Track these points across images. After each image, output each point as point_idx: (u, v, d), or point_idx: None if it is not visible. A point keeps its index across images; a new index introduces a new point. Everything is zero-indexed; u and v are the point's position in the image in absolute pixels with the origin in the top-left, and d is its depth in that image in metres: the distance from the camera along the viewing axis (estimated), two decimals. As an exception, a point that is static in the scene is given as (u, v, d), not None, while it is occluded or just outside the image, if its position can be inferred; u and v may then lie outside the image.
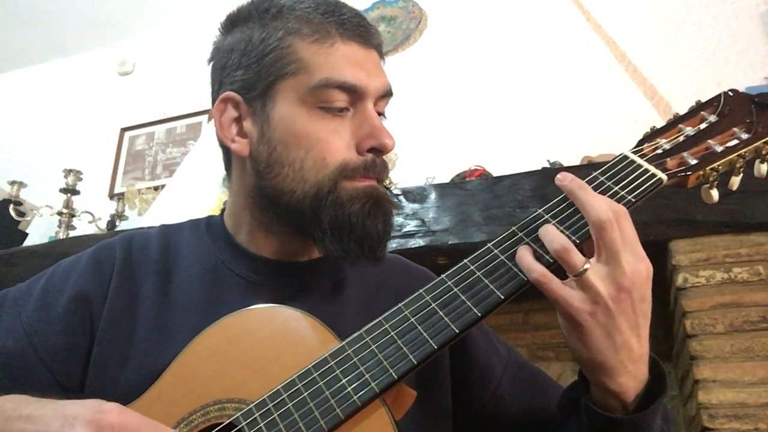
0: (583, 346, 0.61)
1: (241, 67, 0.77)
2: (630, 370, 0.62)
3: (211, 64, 0.84)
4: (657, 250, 1.63)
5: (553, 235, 0.62)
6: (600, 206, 0.61)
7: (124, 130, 3.09)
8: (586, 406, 0.66)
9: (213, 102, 0.81)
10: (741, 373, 1.44)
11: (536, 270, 0.62)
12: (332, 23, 0.75)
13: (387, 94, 0.79)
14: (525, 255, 0.63)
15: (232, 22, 0.81)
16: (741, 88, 0.74)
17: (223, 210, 0.88)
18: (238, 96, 0.77)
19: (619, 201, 0.65)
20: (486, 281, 0.65)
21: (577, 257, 0.60)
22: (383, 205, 0.75)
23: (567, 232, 0.64)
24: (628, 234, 0.61)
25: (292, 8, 0.77)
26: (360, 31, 0.77)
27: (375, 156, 0.75)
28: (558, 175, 0.66)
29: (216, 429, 0.64)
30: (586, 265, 0.60)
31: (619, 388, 0.62)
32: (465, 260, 0.67)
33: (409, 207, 1.83)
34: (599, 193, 0.66)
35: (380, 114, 0.79)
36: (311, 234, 0.75)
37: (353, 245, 0.73)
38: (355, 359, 0.64)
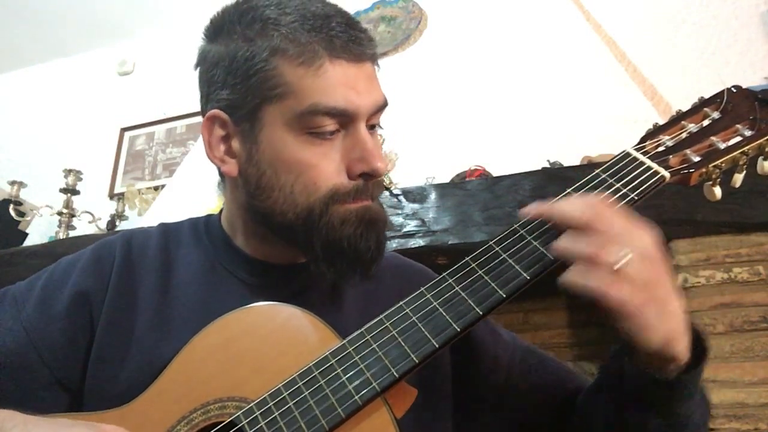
0: (647, 334, 0.58)
1: (227, 86, 0.74)
2: (683, 331, 0.61)
3: (198, 70, 0.80)
4: (657, 250, 1.63)
5: (582, 239, 0.58)
6: (575, 204, 0.60)
7: (124, 130, 3.09)
8: (636, 375, 0.63)
9: (202, 112, 0.79)
10: (741, 373, 1.44)
11: (603, 279, 0.57)
12: (320, 41, 0.71)
13: (380, 108, 0.76)
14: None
15: (216, 30, 0.77)
16: (742, 87, 0.74)
17: (221, 210, 0.87)
18: (224, 115, 0.75)
19: (621, 199, 0.65)
20: (487, 279, 0.64)
21: (617, 247, 0.57)
22: (376, 225, 0.74)
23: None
24: (618, 212, 0.60)
25: (277, 22, 0.72)
26: (350, 46, 0.72)
27: (367, 179, 0.73)
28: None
29: (217, 428, 0.64)
30: (629, 255, 0.57)
31: (680, 353, 0.61)
32: (467, 258, 0.67)
33: (409, 207, 1.83)
34: (601, 190, 0.66)
35: (374, 126, 0.77)
36: (304, 254, 0.76)
37: (345, 267, 0.73)
38: (356, 358, 0.64)
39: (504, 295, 0.63)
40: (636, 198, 0.65)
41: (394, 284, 0.84)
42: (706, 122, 0.71)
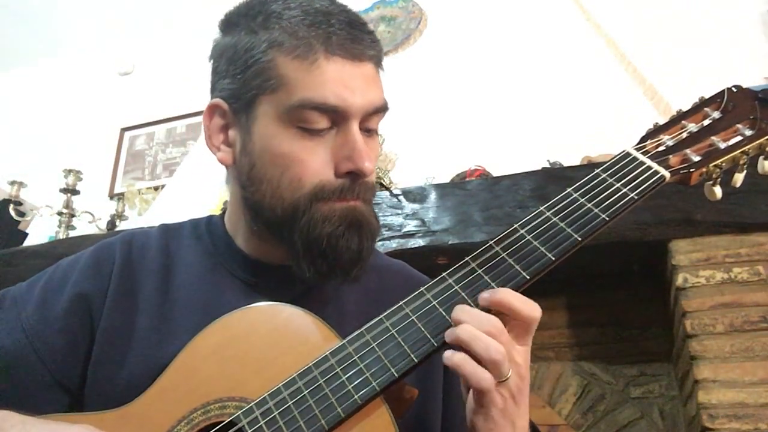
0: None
1: (228, 76, 0.75)
2: None
3: (211, 62, 0.82)
4: (657, 250, 1.63)
5: (488, 343, 0.60)
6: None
7: (124, 130, 3.09)
8: None
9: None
10: (741, 373, 1.44)
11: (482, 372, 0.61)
12: (318, 37, 0.71)
13: (377, 110, 0.75)
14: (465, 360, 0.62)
15: (226, 23, 0.79)
16: (742, 87, 0.74)
17: (224, 210, 0.87)
18: (225, 104, 0.76)
19: (621, 198, 0.65)
20: (487, 278, 0.64)
21: (507, 366, 0.61)
22: (360, 226, 0.73)
23: (569, 229, 0.64)
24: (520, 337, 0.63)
25: (279, 16, 0.73)
26: (348, 44, 0.72)
27: (354, 178, 0.72)
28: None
29: (217, 427, 0.64)
30: (511, 371, 0.61)
31: None
32: (466, 258, 0.67)
33: (409, 207, 1.83)
34: (600, 190, 0.66)
35: (370, 130, 0.75)
36: (287, 252, 0.75)
37: (325, 267, 0.72)
38: (355, 357, 0.64)
39: (504, 295, 0.63)
40: (636, 197, 0.65)
41: (397, 289, 0.83)
42: (706, 122, 0.71)
